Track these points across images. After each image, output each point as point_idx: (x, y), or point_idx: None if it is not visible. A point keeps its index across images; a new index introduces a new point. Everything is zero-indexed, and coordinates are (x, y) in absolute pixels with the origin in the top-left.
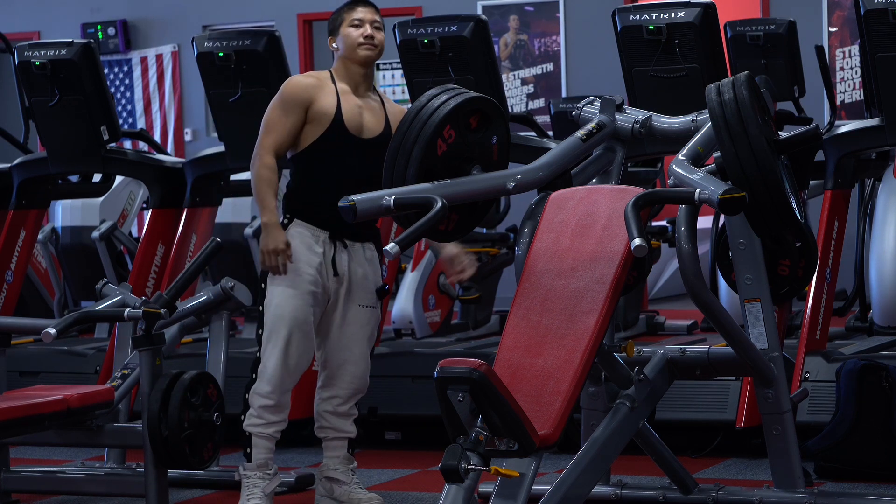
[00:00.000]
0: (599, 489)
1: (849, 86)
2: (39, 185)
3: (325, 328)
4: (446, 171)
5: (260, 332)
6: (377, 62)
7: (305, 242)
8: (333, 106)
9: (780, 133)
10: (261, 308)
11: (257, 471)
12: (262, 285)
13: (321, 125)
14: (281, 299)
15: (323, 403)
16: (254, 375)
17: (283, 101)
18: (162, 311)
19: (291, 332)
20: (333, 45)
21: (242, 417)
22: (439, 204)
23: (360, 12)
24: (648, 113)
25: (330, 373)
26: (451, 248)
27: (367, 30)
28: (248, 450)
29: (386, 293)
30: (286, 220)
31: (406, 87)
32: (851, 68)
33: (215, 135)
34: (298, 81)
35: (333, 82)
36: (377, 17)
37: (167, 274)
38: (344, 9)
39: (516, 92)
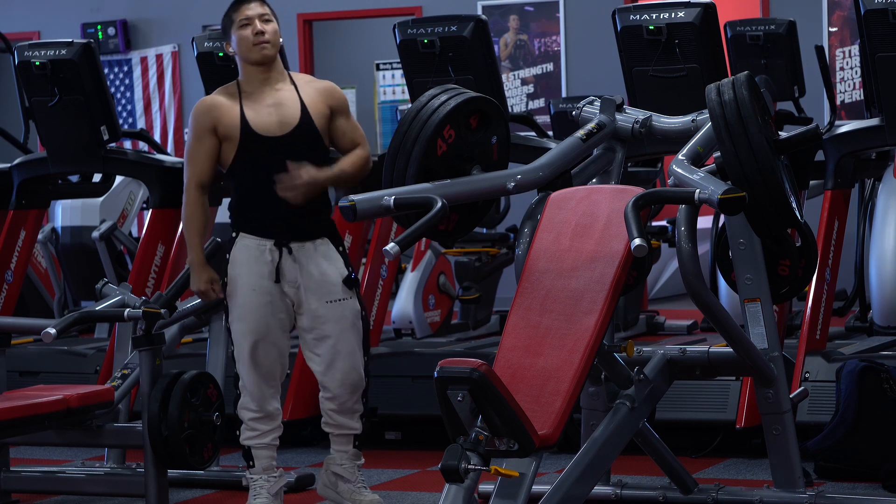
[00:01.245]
0: (599, 489)
1: (849, 86)
2: (39, 185)
3: (304, 331)
4: (446, 171)
5: (231, 348)
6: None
7: (252, 254)
8: (237, 117)
9: (780, 133)
10: (227, 326)
11: (262, 474)
12: (225, 303)
13: (234, 140)
14: (238, 314)
15: (325, 402)
16: (238, 391)
17: (192, 130)
18: (162, 311)
19: (255, 345)
20: (230, 49)
21: (238, 433)
22: (439, 204)
23: (247, 10)
24: (648, 113)
25: (322, 371)
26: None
27: (257, 26)
28: (251, 462)
29: (354, 281)
30: (234, 235)
31: (406, 87)
32: (851, 68)
33: None
34: (199, 106)
35: (239, 91)
36: (265, 10)
37: (167, 274)
38: (230, 10)
39: (516, 92)
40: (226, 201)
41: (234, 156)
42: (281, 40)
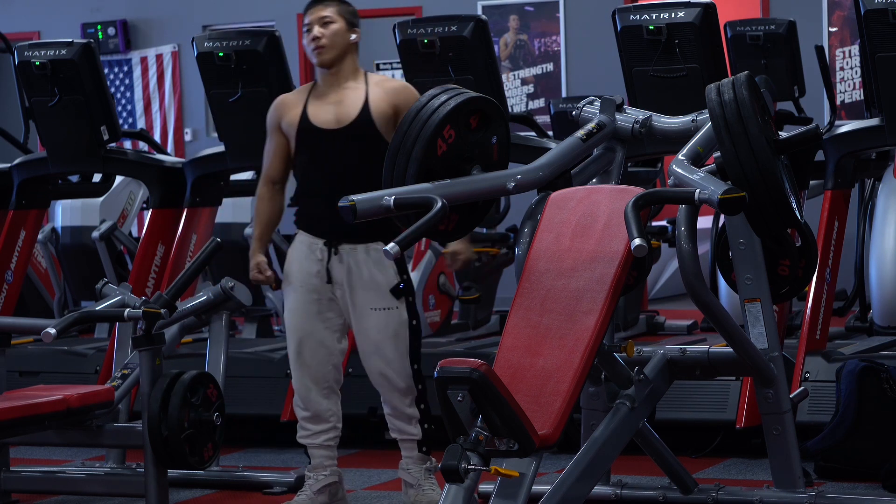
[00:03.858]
0: (599, 489)
1: (849, 86)
2: (39, 185)
3: (353, 336)
4: (446, 171)
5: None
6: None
7: (304, 252)
8: (300, 113)
9: (780, 133)
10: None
11: (313, 472)
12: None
13: (293, 134)
14: (288, 310)
15: (384, 408)
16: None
17: (267, 126)
18: (162, 311)
19: (301, 343)
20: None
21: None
22: (439, 204)
23: (309, 15)
24: (648, 113)
25: (372, 379)
26: (455, 244)
27: (314, 31)
28: (309, 460)
29: (402, 292)
30: (296, 233)
31: None
32: (851, 68)
33: (215, 135)
34: (274, 103)
35: (311, 89)
36: (325, 13)
37: (167, 274)
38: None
39: (516, 92)
40: (227, 201)
41: (294, 150)
42: (354, 37)
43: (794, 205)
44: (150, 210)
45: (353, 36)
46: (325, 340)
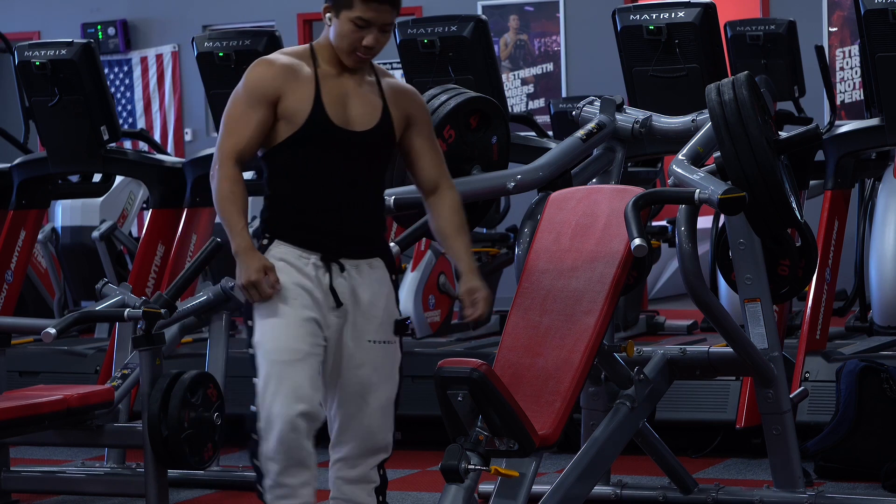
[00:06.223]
0: (599, 489)
1: (849, 86)
2: (39, 185)
3: (332, 374)
4: None
5: (255, 379)
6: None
7: (293, 265)
8: (310, 98)
9: (780, 133)
10: (250, 350)
11: None
12: (249, 322)
13: (296, 122)
14: (275, 333)
15: (334, 467)
16: (254, 435)
17: (245, 93)
18: (162, 311)
19: (296, 367)
20: (327, 19)
21: (260, 489)
22: None
23: (375, 9)
24: (648, 113)
25: (341, 425)
26: (468, 281)
27: (371, 39)
28: None
29: (406, 329)
30: (266, 241)
31: None
32: (851, 68)
33: (215, 135)
34: (263, 71)
35: (314, 60)
36: (392, 19)
37: (167, 274)
38: None
39: (516, 92)
40: None
41: (290, 137)
42: None
43: (794, 205)
44: (150, 210)
45: None
46: (318, 368)
